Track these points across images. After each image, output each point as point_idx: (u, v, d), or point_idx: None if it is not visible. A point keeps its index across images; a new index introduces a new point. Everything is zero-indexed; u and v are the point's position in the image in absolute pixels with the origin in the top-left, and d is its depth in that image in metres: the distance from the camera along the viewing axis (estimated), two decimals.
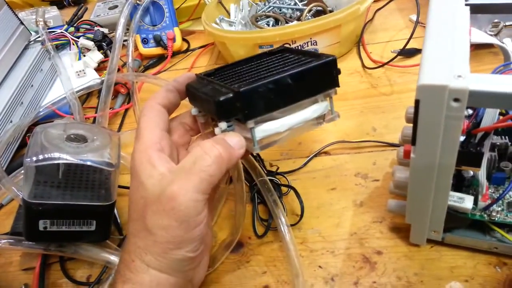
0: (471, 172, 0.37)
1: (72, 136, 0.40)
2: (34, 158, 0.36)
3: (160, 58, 0.79)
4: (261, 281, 0.40)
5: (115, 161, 0.40)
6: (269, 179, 0.45)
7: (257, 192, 0.45)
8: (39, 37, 0.76)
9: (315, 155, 0.51)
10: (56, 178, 0.38)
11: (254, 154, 0.47)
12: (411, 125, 0.40)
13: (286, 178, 0.48)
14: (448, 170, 0.32)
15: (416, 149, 0.31)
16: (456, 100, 0.27)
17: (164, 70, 0.77)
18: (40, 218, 0.37)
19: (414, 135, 0.30)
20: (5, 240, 0.43)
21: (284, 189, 0.47)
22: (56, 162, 0.37)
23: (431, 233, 0.38)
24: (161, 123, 0.35)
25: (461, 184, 0.37)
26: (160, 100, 0.36)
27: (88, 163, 0.38)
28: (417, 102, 0.28)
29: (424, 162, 0.31)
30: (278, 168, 0.49)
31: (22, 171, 0.51)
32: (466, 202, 0.35)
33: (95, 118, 0.63)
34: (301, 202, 0.45)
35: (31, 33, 0.76)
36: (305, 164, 0.50)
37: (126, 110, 0.68)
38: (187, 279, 0.34)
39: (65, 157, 0.38)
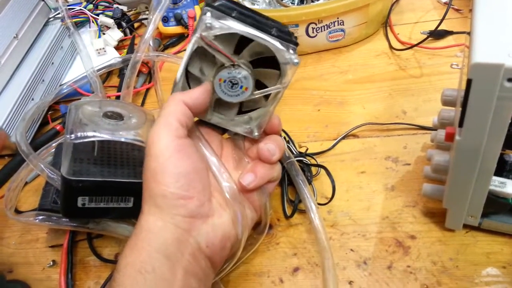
0: None
1: (108, 113, 0.40)
2: (73, 136, 0.36)
3: (180, 37, 0.78)
4: (292, 263, 0.40)
5: None
6: (299, 160, 0.44)
7: (287, 173, 0.45)
8: (58, 13, 0.74)
9: (343, 138, 0.50)
10: (93, 155, 0.38)
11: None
12: (449, 108, 0.40)
13: (315, 160, 0.47)
14: (494, 153, 0.31)
15: (463, 131, 0.30)
16: (510, 80, 0.26)
17: (184, 50, 0.75)
18: (79, 195, 0.37)
19: (462, 116, 0.29)
20: (41, 217, 0.43)
21: (314, 170, 0.46)
22: (95, 139, 0.37)
23: (468, 218, 0.37)
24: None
25: (502, 168, 0.36)
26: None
27: (123, 139, 0.37)
28: (469, 82, 0.27)
29: (470, 145, 0.30)
30: (307, 149, 0.48)
31: (48, 148, 0.51)
32: (508, 187, 0.34)
33: (117, 97, 0.62)
34: (332, 181, 0.44)
35: (51, 10, 0.75)
36: (333, 146, 0.49)
37: (147, 89, 0.68)
38: (179, 227, 0.32)
39: (103, 135, 0.37)
